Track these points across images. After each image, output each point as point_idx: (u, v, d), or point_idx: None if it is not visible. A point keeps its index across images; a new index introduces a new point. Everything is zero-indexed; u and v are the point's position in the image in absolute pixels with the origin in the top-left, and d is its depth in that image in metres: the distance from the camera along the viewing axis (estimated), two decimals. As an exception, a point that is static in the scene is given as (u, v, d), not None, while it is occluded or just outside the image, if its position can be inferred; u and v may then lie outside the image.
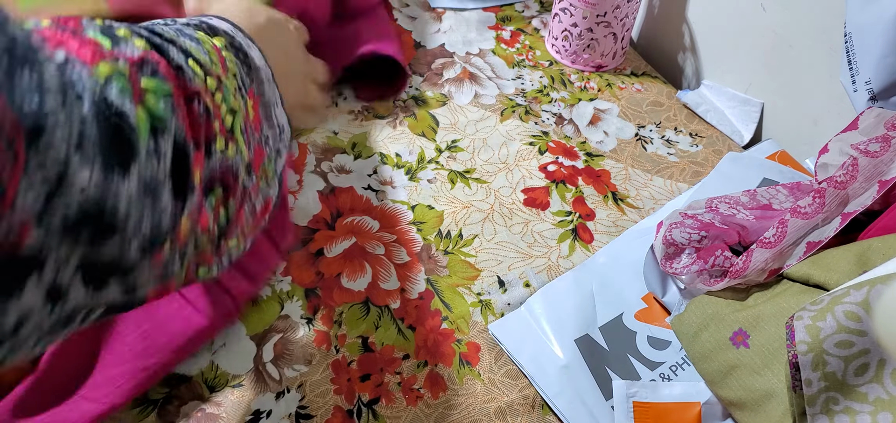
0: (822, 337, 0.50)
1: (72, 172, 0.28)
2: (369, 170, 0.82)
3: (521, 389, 0.64)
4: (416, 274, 0.72)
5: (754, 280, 0.64)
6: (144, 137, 0.33)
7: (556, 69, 1.01)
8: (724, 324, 0.61)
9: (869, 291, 0.50)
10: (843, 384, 0.50)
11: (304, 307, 0.68)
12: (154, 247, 0.35)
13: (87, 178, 0.29)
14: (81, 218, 0.30)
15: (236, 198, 0.43)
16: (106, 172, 0.30)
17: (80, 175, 0.29)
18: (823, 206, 0.63)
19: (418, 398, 0.63)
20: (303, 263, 0.71)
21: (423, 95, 0.93)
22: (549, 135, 0.90)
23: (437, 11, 1.08)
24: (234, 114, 0.42)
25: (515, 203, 0.81)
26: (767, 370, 0.56)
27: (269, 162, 0.49)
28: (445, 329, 0.68)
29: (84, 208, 0.29)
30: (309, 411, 0.61)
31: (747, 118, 0.94)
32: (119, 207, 0.31)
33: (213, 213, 0.41)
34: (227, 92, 0.42)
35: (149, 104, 0.34)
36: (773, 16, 0.88)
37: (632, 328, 0.68)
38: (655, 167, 0.87)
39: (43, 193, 0.27)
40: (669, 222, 0.69)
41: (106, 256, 0.32)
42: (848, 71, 0.75)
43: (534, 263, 0.75)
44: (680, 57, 1.05)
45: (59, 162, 0.28)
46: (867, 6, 0.71)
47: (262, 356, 0.64)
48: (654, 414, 0.61)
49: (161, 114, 0.35)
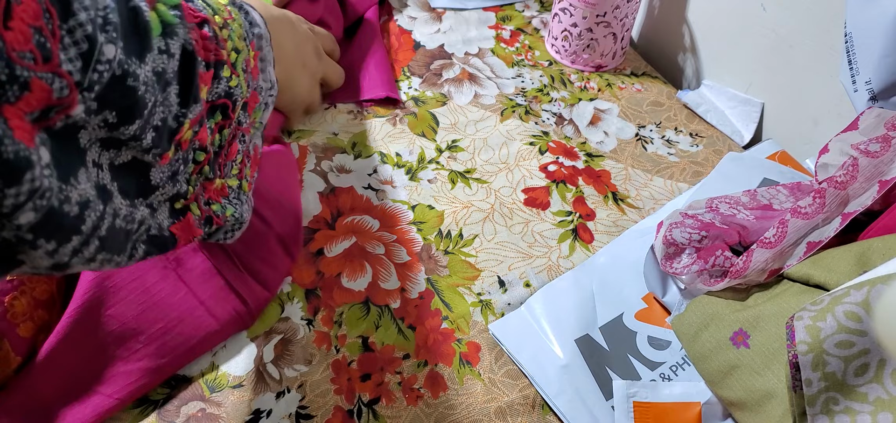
0: (822, 337, 0.50)
1: (100, 46, 0.34)
2: (369, 170, 0.82)
3: (521, 389, 0.64)
4: (416, 274, 0.72)
5: (754, 280, 0.64)
6: (157, 33, 0.40)
7: (556, 69, 1.01)
8: (724, 324, 0.61)
9: (869, 291, 0.50)
10: (844, 384, 0.50)
11: (305, 308, 0.68)
12: (162, 142, 0.41)
13: (113, 53, 0.35)
14: (111, 88, 0.35)
15: (230, 127, 0.49)
16: (127, 54, 0.36)
17: (106, 49, 0.34)
18: (823, 206, 0.63)
19: (418, 398, 0.63)
20: (303, 263, 0.71)
21: (422, 95, 0.93)
22: (549, 135, 0.90)
23: (437, 11, 1.08)
24: (238, 53, 0.48)
25: (516, 203, 0.81)
26: (768, 370, 0.56)
27: (259, 110, 0.54)
28: (445, 329, 0.68)
29: (113, 78, 0.35)
30: (309, 411, 0.61)
31: (747, 118, 0.94)
32: (138, 88, 0.37)
33: (210, 134, 0.47)
34: (233, 33, 0.48)
35: (160, 11, 0.40)
36: (773, 16, 0.88)
37: (632, 328, 0.68)
38: (655, 167, 0.87)
39: (79, 60, 0.33)
40: (669, 221, 0.69)
41: (127, 135, 0.38)
42: (848, 71, 0.75)
43: (534, 263, 0.75)
44: (680, 57, 1.05)
45: (89, 37, 0.33)
46: (867, 6, 0.71)
47: (262, 357, 0.64)
48: (654, 414, 0.61)
49: (171, 20, 0.41)
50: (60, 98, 0.32)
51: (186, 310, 0.61)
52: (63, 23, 0.32)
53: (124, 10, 0.37)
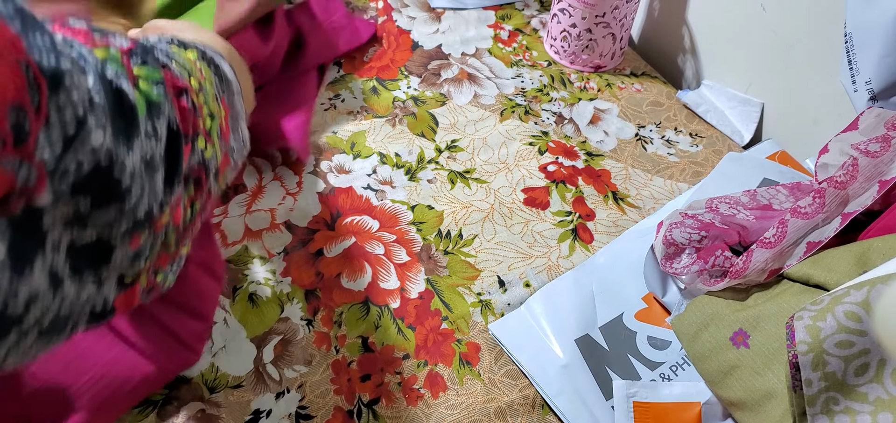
0: (822, 337, 0.50)
1: (87, 129, 0.30)
2: (369, 170, 0.82)
3: (521, 389, 0.64)
4: (416, 274, 0.72)
5: (754, 280, 0.64)
6: (143, 113, 0.35)
7: (556, 69, 1.01)
8: (724, 324, 0.61)
9: (869, 291, 0.50)
10: (844, 384, 0.50)
11: (304, 308, 0.68)
12: (139, 227, 0.36)
13: (101, 139, 0.30)
14: (93, 178, 0.31)
15: (201, 200, 0.44)
16: (115, 139, 0.32)
17: (94, 135, 0.30)
18: (823, 206, 0.63)
19: (418, 398, 0.63)
20: (303, 263, 0.71)
21: (422, 95, 0.93)
22: (549, 135, 0.90)
23: (437, 11, 1.08)
24: (213, 118, 0.44)
25: (515, 203, 0.81)
26: (767, 370, 0.56)
27: (229, 172, 0.49)
28: (445, 329, 0.68)
29: (97, 169, 0.31)
30: (309, 411, 0.61)
31: (747, 118, 0.94)
32: (124, 180, 0.33)
33: (184, 211, 0.42)
34: (208, 95, 0.43)
35: (143, 88, 0.36)
36: (773, 16, 0.88)
37: (632, 328, 0.68)
38: (655, 167, 0.87)
39: (60, 144, 0.28)
40: (669, 222, 0.69)
41: (100, 222, 0.33)
42: (848, 71, 0.75)
43: (534, 263, 0.74)
44: (680, 57, 1.05)
45: (77, 118, 0.29)
46: (867, 6, 0.71)
47: (262, 357, 0.64)
48: (654, 414, 0.61)
49: (155, 98, 0.36)
50: (25, 186, 0.28)
51: (116, 356, 0.57)
52: (52, 100, 0.28)
53: (109, 90, 0.32)
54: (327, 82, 0.93)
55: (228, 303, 0.67)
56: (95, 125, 0.30)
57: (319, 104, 0.89)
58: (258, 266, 0.71)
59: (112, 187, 0.32)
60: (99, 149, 0.30)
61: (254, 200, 0.77)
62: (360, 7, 1.06)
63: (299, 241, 0.74)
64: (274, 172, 0.80)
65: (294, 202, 0.77)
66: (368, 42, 1.00)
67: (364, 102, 0.91)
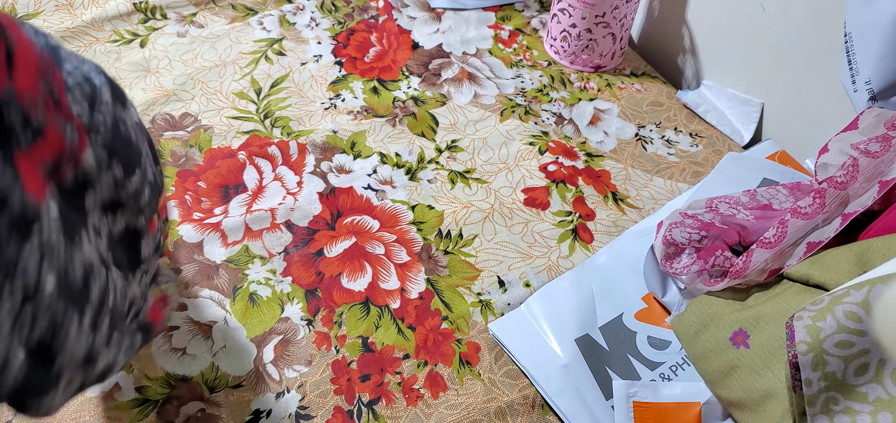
0: (822, 337, 0.50)
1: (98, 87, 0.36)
2: (369, 170, 0.82)
3: (521, 389, 0.64)
4: (416, 274, 0.72)
5: (754, 280, 0.64)
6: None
7: (556, 69, 1.01)
8: (724, 324, 0.61)
9: (869, 291, 0.50)
10: (843, 384, 0.50)
11: (305, 308, 0.68)
12: (153, 202, 0.42)
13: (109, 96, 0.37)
14: (114, 134, 0.37)
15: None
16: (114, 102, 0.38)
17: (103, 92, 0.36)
18: (823, 206, 0.63)
19: (418, 398, 0.63)
20: (303, 263, 0.71)
21: (422, 95, 0.93)
22: (549, 135, 0.90)
23: (437, 11, 1.08)
24: None
25: (515, 203, 0.81)
26: (767, 370, 0.56)
27: None
28: (445, 329, 0.68)
29: (114, 123, 0.37)
30: (309, 411, 0.61)
31: (747, 118, 0.94)
32: (130, 133, 0.38)
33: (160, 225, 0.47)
34: None
35: None
36: (773, 16, 0.87)
37: (632, 328, 0.68)
38: (655, 167, 0.87)
39: (85, 102, 0.35)
40: (669, 221, 0.69)
41: (129, 191, 0.38)
42: (848, 71, 0.75)
43: (534, 263, 0.75)
44: (680, 57, 1.05)
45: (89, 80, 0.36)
46: (867, 6, 0.71)
47: (262, 357, 0.64)
48: (654, 414, 0.61)
49: None
50: (72, 145, 0.32)
51: None
52: (60, 69, 0.32)
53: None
54: (328, 83, 0.93)
55: (229, 303, 0.67)
56: (100, 84, 0.35)
57: (320, 104, 0.90)
58: (258, 266, 0.71)
59: (128, 143, 0.37)
60: (109, 103, 0.35)
61: (254, 200, 0.77)
62: (360, 6, 1.06)
63: (300, 241, 0.74)
64: (274, 172, 0.80)
65: (294, 202, 0.77)
66: (368, 42, 1.00)
67: (364, 102, 0.91)
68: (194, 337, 0.64)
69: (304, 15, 1.03)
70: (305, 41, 0.98)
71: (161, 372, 0.62)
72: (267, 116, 0.87)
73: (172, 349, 0.63)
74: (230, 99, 0.88)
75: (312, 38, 0.99)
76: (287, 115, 0.87)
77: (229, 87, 0.90)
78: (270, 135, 0.84)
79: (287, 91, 0.90)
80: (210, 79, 0.90)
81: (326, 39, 0.99)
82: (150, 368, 0.62)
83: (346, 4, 1.06)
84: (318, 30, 1.01)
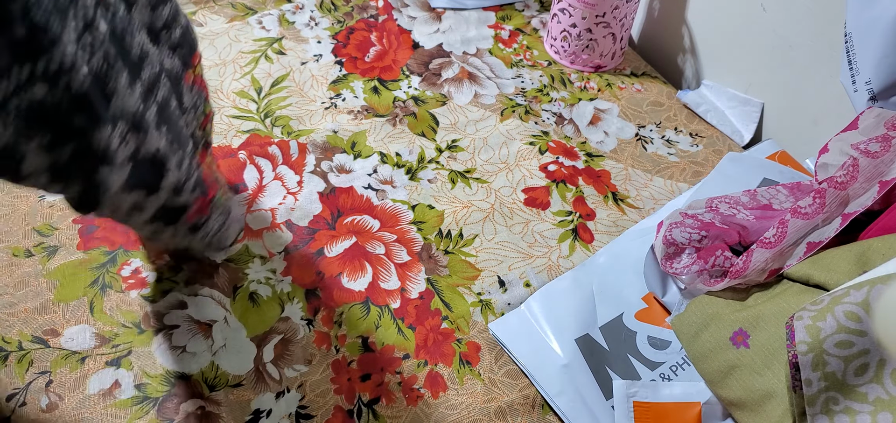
0: (822, 337, 0.50)
1: None
2: (369, 169, 0.82)
3: (521, 389, 0.64)
4: (416, 274, 0.72)
5: (754, 280, 0.64)
6: None
7: (556, 68, 1.01)
8: (724, 324, 0.61)
9: (869, 291, 0.50)
10: (843, 384, 0.50)
11: (305, 308, 0.68)
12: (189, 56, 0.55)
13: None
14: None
15: None
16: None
17: None
18: (824, 206, 0.63)
19: (418, 398, 0.63)
20: (303, 263, 0.71)
21: (422, 95, 0.93)
22: (549, 135, 0.90)
23: (437, 11, 1.08)
24: None
25: (516, 203, 0.81)
26: (767, 370, 0.56)
27: None
28: (445, 329, 0.68)
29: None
30: (309, 411, 0.61)
31: (747, 118, 0.94)
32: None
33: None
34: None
35: None
36: (773, 16, 0.88)
37: (632, 328, 0.68)
38: (655, 167, 0.87)
39: None
40: (670, 221, 0.69)
41: (164, 18, 0.50)
42: (848, 71, 0.75)
43: (534, 263, 0.75)
44: (680, 57, 1.05)
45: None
46: (867, 7, 0.71)
47: (262, 356, 0.64)
48: (654, 414, 0.61)
49: None
50: None
51: None
52: None
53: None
54: (328, 82, 0.93)
55: (229, 302, 0.67)
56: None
57: (320, 103, 0.90)
58: (259, 266, 0.71)
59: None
60: None
61: (254, 200, 0.77)
62: (358, 5, 1.06)
63: (300, 240, 0.74)
64: (274, 172, 0.80)
65: (295, 201, 0.77)
66: (369, 41, 1.00)
67: (365, 102, 0.91)
68: (194, 336, 0.64)
69: (304, 14, 1.03)
70: (305, 40, 0.98)
71: (161, 370, 0.62)
72: (267, 116, 0.87)
73: (172, 347, 0.63)
74: (230, 98, 0.88)
75: (312, 37, 0.99)
76: (287, 114, 0.87)
77: (229, 85, 0.90)
78: (271, 134, 0.84)
79: (288, 90, 0.90)
80: (210, 78, 0.90)
81: (326, 39, 0.99)
82: (150, 366, 0.62)
83: (346, 3, 1.06)
84: (318, 29, 1.01)
